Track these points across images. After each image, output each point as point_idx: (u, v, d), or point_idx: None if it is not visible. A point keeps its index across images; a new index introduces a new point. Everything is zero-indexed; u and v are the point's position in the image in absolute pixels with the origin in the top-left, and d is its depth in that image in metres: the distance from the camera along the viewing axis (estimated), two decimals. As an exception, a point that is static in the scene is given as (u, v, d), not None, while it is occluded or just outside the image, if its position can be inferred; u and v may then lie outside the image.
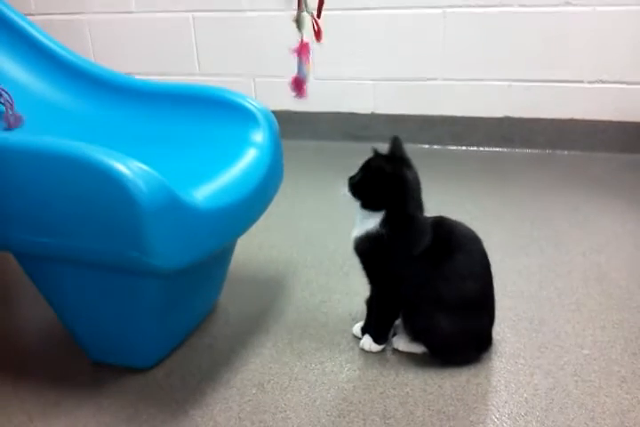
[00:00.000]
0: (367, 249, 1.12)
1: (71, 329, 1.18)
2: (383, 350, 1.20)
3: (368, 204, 1.09)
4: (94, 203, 0.94)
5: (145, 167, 0.93)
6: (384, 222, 1.08)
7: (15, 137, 0.99)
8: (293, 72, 1.23)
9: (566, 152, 2.29)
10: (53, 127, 1.32)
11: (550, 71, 2.22)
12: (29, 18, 1.47)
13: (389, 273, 1.13)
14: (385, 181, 1.06)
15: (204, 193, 1.06)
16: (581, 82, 2.21)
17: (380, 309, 1.18)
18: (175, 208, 0.96)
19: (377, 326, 1.20)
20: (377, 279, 1.16)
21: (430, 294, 1.10)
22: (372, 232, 1.09)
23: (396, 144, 1.10)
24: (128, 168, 0.91)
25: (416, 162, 1.12)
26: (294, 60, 1.21)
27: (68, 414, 1.07)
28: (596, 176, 2.06)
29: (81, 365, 1.20)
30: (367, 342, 1.20)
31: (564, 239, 1.63)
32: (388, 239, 1.08)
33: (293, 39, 1.20)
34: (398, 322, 1.22)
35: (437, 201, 1.17)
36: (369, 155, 1.11)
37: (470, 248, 1.12)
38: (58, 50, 1.43)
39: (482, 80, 2.31)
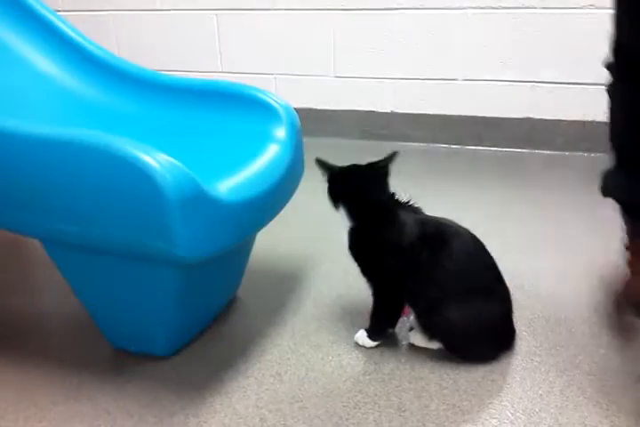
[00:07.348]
0: (353, 245, 1.17)
1: (94, 316, 1.21)
2: (399, 346, 1.22)
3: (334, 204, 1.18)
4: (122, 193, 0.97)
5: (171, 160, 0.95)
6: (349, 216, 1.15)
7: (46, 129, 1.02)
8: (314, 71, 1.20)
9: (586, 154, 2.28)
10: (82, 120, 1.35)
11: (572, 73, 2.21)
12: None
13: (381, 266, 1.16)
14: (333, 180, 1.16)
15: (227, 186, 1.08)
16: (603, 84, 2.20)
17: (377, 305, 1.20)
18: (200, 200, 0.98)
19: (373, 322, 1.21)
20: (372, 275, 1.18)
21: (432, 284, 1.11)
22: (349, 228, 1.16)
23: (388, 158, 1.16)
24: (155, 160, 0.93)
25: (435, 162, 1.14)
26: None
27: (90, 398, 1.10)
28: (616, 178, 2.05)
29: (103, 351, 1.23)
30: (361, 336, 1.22)
31: (582, 240, 1.63)
32: (361, 231, 1.15)
33: (313, 38, 1.18)
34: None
35: (455, 201, 1.18)
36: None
37: (461, 235, 1.15)
38: (86, 44, 1.46)
39: (503, 81, 2.31)
